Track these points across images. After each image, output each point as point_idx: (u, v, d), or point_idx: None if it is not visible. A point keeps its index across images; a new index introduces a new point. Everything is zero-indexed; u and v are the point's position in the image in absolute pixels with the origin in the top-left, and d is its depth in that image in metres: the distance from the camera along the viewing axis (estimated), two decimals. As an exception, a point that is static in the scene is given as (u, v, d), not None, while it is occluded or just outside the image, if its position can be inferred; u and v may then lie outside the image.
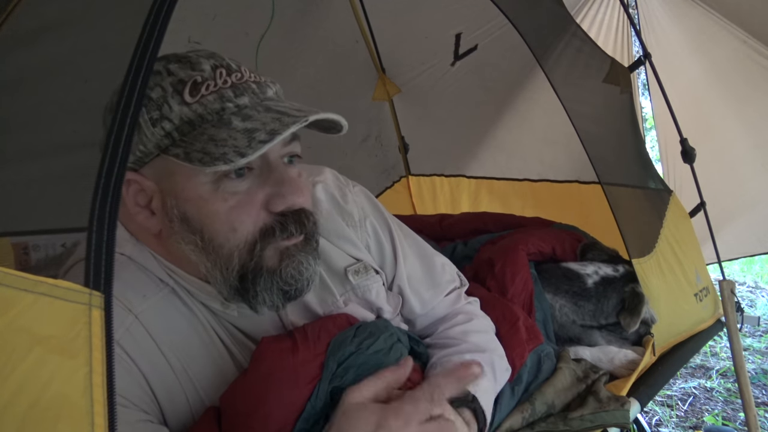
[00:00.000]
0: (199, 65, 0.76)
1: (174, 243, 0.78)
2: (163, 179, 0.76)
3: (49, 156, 0.61)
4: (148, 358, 0.78)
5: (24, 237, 0.78)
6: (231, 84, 0.76)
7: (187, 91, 0.74)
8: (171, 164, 0.74)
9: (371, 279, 0.98)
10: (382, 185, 2.87)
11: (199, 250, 0.77)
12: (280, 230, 0.77)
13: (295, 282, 0.80)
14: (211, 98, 0.74)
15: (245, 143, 0.70)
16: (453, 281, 1.13)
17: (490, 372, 0.98)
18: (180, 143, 0.73)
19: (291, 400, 0.76)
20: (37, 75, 0.66)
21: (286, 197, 0.77)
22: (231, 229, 0.76)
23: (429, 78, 2.59)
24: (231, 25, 2.00)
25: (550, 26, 1.67)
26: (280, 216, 0.78)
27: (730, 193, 2.63)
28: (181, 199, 0.76)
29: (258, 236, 0.77)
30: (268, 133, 0.71)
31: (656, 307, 1.46)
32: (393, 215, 1.11)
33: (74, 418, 0.51)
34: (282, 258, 0.79)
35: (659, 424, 2.53)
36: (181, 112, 0.73)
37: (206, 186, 0.75)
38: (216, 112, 0.74)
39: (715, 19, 2.33)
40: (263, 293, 0.79)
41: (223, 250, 0.76)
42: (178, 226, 0.77)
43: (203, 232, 0.76)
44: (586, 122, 1.52)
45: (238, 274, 0.77)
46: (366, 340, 0.84)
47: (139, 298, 0.79)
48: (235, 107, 0.75)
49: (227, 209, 0.75)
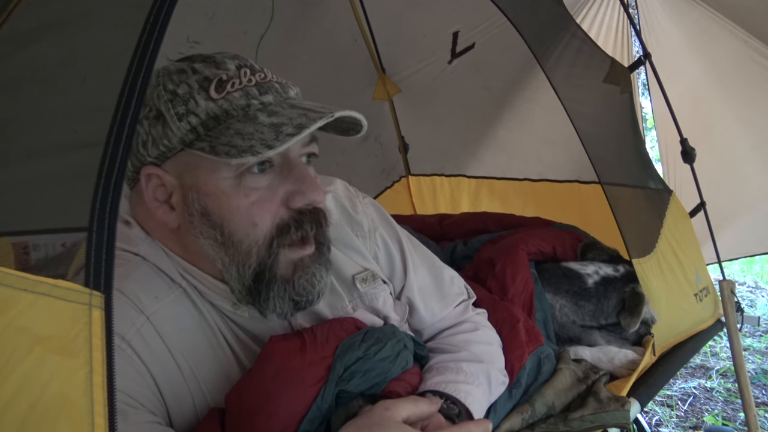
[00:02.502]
0: (224, 64, 0.78)
1: (192, 238, 0.79)
2: (185, 174, 0.78)
3: (49, 156, 0.61)
4: (157, 359, 0.78)
5: (24, 237, 0.77)
6: (255, 83, 0.78)
7: (213, 87, 0.76)
8: (195, 159, 0.76)
9: (379, 288, 0.99)
10: (382, 185, 2.87)
11: (218, 245, 0.78)
12: (295, 227, 0.79)
13: (307, 294, 0.82)
14: (236, 95, 0.76)
15: (272, 136, 0.72)
16: (461, 294, 1.14)
17: (485, 382, 0.98)
18: (205, 137, 0.75)
19: (297, 399, 0.76)
20: (37, 75, 0.66)
21: (306, 194, 0.79)
22: (251, 224, 0.77)
23: (426, 76, 2.59)
24: (230, 24, 2.00)
25: (550, 26, 1.67)
26: (297, 213, 0.79)
27: (730, 193, 2.63)
28: (202, 194, 0.77)
29: (275, 232, 0.78)
30: (295, 127, 0.72)
31: (656, 307, 1.46)
32: (398, 224, 1.11)
33: (74, 418, 0.51)
34: (296, 269, 0.80)
35: (659, 424, 2.53)
36: (207, 108, 0.75)
37: (228, 181, 0.76)
38: (242, 108, 0.76)
39: (715, 18, 2.33)
40: (275, 300, 0.80)
41: (242, 246, 0.78)
42: (198, 221, 0.78)
43: (223, 226, 0.77)
44: (586, 122, 1.52)
45: (254, 272, 0.79)
46: (373, 346, 0.84)
47: (151, 300, 0.79)
48: (260, 104, 0.77)
49: (248, 204, 0.77)
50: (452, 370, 0.94)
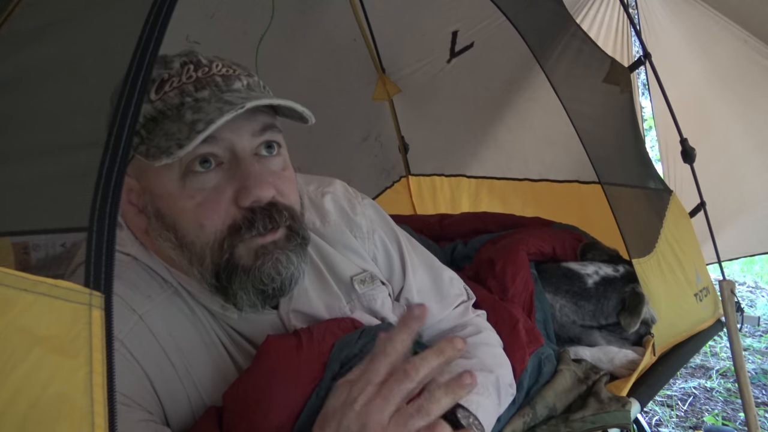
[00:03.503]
0: (171, 63, 0.77)
1: (156, 240, 0.79)
2: (141, 177, 0.78)
3: (50, 156, 0.61)
4: (151, 358, 0.78)
5: (24, 237, 0.77)
6: (195, 79, 0.76)
7: (153, 89, 0.75)
8: (142, 162, 0.75)
9: (377, 289, 0.99)
10: (382, 185, 2.87)
11: (175, 247, 0.77)
12: (246, 227, 0.76)
13: (272, 281, 0.78)
14: (172, 94, 0.75)
15: (186, 135, 0.71)
16: (461, 295, 1.14)
17: (494, 393, 0.97)
18: (146, 140, 0.74)
19: (292, 397, 0.76)
20: (37, 75, 0.66)
21: (250, 191, 0.75)
22: (199, 226, 0.75)
23: (425, 75, 2.59)
24: (230, 24, 2.00)
25: (549, 26, 1.67)
26: (248, 212, 0.76)
27: (730, 193, 2.62)
28: (155, 196, 0.77)
29: (226, 233, 0.76)
30: (206, 123, 0.70)
31: (656, 307, 1.46)
32: (398, 224, 1.11)
33: (74, 418, 0.51)
34: (257, 256, 0.77)
35: (659, 424, 2.53)
36: (146, 110, 0.74)
37: (174, 183, 0.75)
38: (176, 107, 0.75)
39: (715, 18, 2.33)
40: (240, 292, 0.78)
41: (195, 248, 0.76)
42: (155, 223, 0.78)
43: (176, 228, 0.76)
44: (586, 122, 1.52)
45: (212, 271, 0.77)
46: (369, 343, 0.84)
47: (144, 299, 0.79)
48: (193, 101, 0.75)
49: (194, 206, 0.75)
50: None
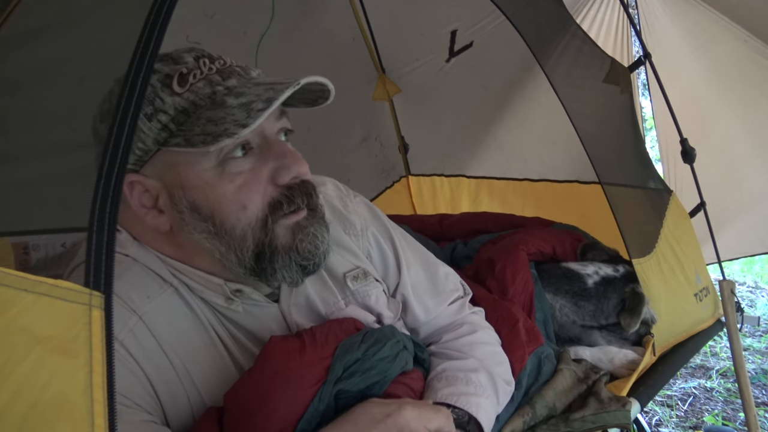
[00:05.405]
0: (182, 59, 0.78)
1: (185, 236, 0.79)
2: (166, 174, 0.78)
3: (49, 156, 0.61)
4: (151, 358, 0.78)
5: (24, 237, 0.78)
6: (216, 70, 0.78)
7: (175, 82, 0.76)
8: (172, 156, 0.76)
9: (371, 285, 0.99)
10: (382, 185, 2.87)
11: (212, 237, 0.78)
12: (287, 203, 0.80)
13: (312, 256, 0.82)
14: (200, 84, 0.76)
15: (244, 115, 0.72)
16: (456, 290, 1.13)
17: (493, 394, 0.98)
18: (178, 132, 0.75)
19: (295, 400, 0.76)
20: (36, 75, 0.66)
21: (290, 168, 0.80)
22: (241, 207, 0.78)
23: (424, 74, 2.59)
24: (230, 24, 2.00)
25: (549, 26, 1.67)
26: (286, 189, 0.80)
27: (730, 193, 2.63)
28: (188, 189, 0.77)
29: (267, 211, 0.79)
30: (264, 101, 0.73)
31: (656, 307, 1.46)
32: (394, 223, 1.11)
33: (74, 418, 0.51)
34: (295, 234, 0.81)
35: (659, 424, 2.53)
36: (174, 102, 0.75)
37: (211, 171, 0.77)
38: (208, 97, 0.76)
39: (715, 18, 2.33)
40: (282, 271, 0.81)
41: (236, 231, 0.78)
42: (189, 217, 0.78)
43: (214, 216, 0.78)
44: (586, 122, 1.52)
45: (253, 253, 0.79)
46: (373, 346, 0.84)
47: (143, 299, 0.79)
48: (225, 89, 0.77)
49: (235, 189, 0.77)
50: (462, 381, 0.94)
